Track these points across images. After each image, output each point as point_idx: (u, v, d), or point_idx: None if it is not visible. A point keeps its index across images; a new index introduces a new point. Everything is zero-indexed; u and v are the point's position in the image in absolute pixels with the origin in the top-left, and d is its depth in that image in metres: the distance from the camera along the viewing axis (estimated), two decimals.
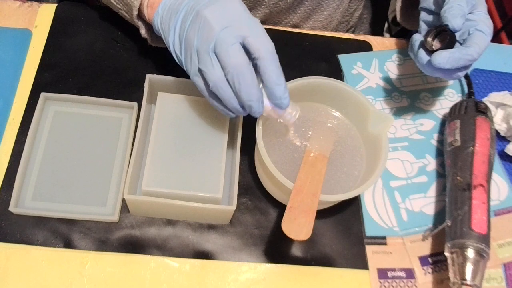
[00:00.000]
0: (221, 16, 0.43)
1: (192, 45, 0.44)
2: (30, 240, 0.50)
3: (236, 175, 0.50)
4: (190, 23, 0.44)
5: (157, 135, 0.51)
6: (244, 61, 0.42)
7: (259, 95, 0.44)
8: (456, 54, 0.49)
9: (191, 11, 0.45)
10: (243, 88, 0.42)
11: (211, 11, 0.43)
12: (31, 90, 0.58)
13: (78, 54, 0.61)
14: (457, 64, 0.50)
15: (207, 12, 0.43)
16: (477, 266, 0.48)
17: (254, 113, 0.45)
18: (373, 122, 0.53)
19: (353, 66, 0.66)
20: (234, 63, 0.42)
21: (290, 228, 0.45)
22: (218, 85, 0.43)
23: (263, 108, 0.45)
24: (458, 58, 0.49)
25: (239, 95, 0.43)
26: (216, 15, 0.43)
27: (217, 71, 0.43)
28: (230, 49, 0.42)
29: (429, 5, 0.55)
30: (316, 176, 0.50)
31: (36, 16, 0.63)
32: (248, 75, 0.42)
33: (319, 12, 0.73)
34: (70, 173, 0.53)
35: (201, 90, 0.46)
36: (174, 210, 0.50)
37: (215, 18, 0.43)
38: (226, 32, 0.42)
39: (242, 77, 0.42)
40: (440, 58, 0.49)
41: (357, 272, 0.53)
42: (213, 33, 0.42)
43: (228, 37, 0.42)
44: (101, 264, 0.50)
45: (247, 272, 0.51)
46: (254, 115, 0.45)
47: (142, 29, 0.54)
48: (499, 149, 0.62)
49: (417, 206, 0.57)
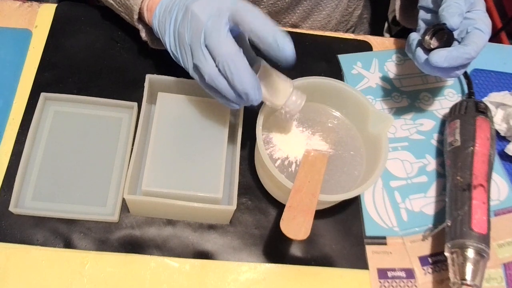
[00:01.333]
0: (207, 7, 0.43)
1: (185, 41, 0.44)
2: (30, 240, 0.50)
3: (236, 175, 0.50)
4: (180, 20, 0.45)
5: (157, 135, 0.51)
6: (233, 49, 0.42)
7: (254, 82, 0.43)
8: (454, 52, 0.49)
9: (182, 8, 0.45)
10: (236, 77, 0.42)
11: (198, 4, 0.43)
12: (31, 90, 0.58)
13: (78, 54, 0.61)
14: (455, 63, 0.50)
15: (195, 6, 0.43)
16: (477, 266, 0.48)
17: (252, 101, 0.44)
18: (373, 122, 0.53)
19: (353, 66, 0.66)
20: (224, 52, 0.41)
21: (288, 227, 0.45)
22: (212, 77, 0.43)
23: (260, 95, 0.44)
24: (455, 56, 0.49)
25: (233, 84, 0.43)
26: (202, 7, 0.43)
27: (210, 63, 0.43)
28: (219, 37, 0.41)
29: (428, 3, 0.55)
30: (316, 176, 0.50)
31: (36, 16, 0.63)
32: (239, 62, 0.42)
33: (318, 12, 0.73)
34: (70, 173, 0.53)
35: (201, 85, 0.46)
36: (174, 210, 0.50)
37: (201, 10, 0.43)
38: (212, 20, 0.42)
39: (233, 64, 0.42)
40: (438, 57, 0.49)
41: (357, 272, 0.53)
42: (201, 24, 0.42)
43: (215, 24, 0.42)
44: (101, 264, 0.50)
45: (247, 272, 0.51)
46: (253, 104, 0.45)
47: (143, 32, 0.55)
48: (499, 149, 0.62)
49: (417, 206, 0.57)
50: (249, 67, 0.43)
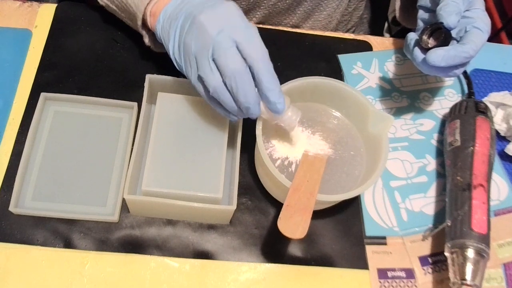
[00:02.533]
0: (216, 20, 0.43)
1: (190, 51, 0.45)
2: (30, 240, 0.50)
3: (236, 175, 0.50)
4: (187, 29, 0.45)
5: (157, 135, 0.51)
6: (242, 66, 0.42)
7: (256, 99, 0.44)
8: (451, 51, 0.49)
9: (189, 17, 0.45)
10: (241, 92, 0.43)
11: (207, 16, 0.44)
12: (31, 90, 0.58)
13: (78, 54, 0.61)
14: (452, 62, 0.49)
15: (203, 17, 0.43)
16: (477, 266, 0.48)
17: (251, 115, 0.45)
18: (373, 122, 0.53)
19: (353, 66, 0.66)
20: (233, 68, 0.42)
21: (286, 226, 0.45)
22: (217, 91, 0.44)
23: (259, 110, 0.45)
24: (453, 55, 0.49)
25: (237, 98, 0.44)
26: (211, 20, 0.43)
27: (216, 76, 0.43)
28: (228, 54, 0.42)
29: (426, 3, 0.55)
30: (314, 175, 0.50)
31: (36, 16, 0.64)
32: (246, 81, 0.43)
33: (319, 12, 0.73)
34: (70, 173, 0.53)
35: (202, 96, 0.47)
36: (174, 210, 0.50)
37: (210, 22, 0.43)
38: (222, 36, 0.43)
39: (241, 82, 0.42)
40: (435, 56, 0.49)
41: (357, 272, 0.53)
42: (209, 37, 0.43)
43: (225, 41, 0.42)
44: (101, 264, 0.50)
45: (247, 272, 0.51)
46: (252, 117, 0.46)
47: (146, 38, 0.55)
48: (499, 149, 0.62)
49: (417, 206, 0.57)
50: (253, 83, 0.43)
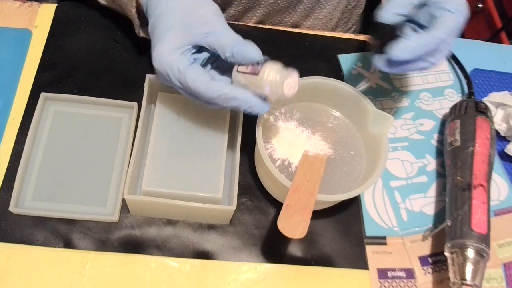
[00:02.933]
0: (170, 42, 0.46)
1: None
2: (30, 240, 0.50)
3: (236, 175, 0.50)
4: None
5: (157, 135, 0.51)
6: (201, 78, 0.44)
7: (220, 86, 0.44)
8: (414, 40, 0.45)
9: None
10: (200, 95, 0.45)
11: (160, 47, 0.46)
12: (31, 90, 0.58)
13: (78, 54, 0.61)
14: (421, 50, 0.46)
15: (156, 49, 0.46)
16: (477, 266, 0.48)
17: (222, 101, 0.46)
18: (373, 122, 0.53)
19: (353, 66, 0.66)
20: (191, 86, 0.45)
21: (285, 226, 0.45)
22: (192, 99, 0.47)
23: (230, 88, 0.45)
24: (418, 44, 0.45)
25: (205, 100, 0.46)
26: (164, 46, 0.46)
27: (185, 92, 0.47)
28: (187, 76, 0.45)
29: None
30: (314, 175, 0.50)
31: (36, 16, 0.63)
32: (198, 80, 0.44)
33: (319, 10, 0.72)
34: (70, 173, 0.53)
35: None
36: (174, 210, 0.50)
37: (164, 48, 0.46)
38: (176, 59, 0.45)
39: (196, 90, 0.45)
40: (399, 51, 0.45)
41: (357, 272, 0.53)
42: (167, 63, 0.46)
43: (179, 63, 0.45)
44: (101, 264, 0.50)
45: (247, 272, 0.51)
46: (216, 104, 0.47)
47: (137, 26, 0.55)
48: (499, 149, 0.62)
49: (417, 206, 0.57)
50: (208, 78, 0.45)
